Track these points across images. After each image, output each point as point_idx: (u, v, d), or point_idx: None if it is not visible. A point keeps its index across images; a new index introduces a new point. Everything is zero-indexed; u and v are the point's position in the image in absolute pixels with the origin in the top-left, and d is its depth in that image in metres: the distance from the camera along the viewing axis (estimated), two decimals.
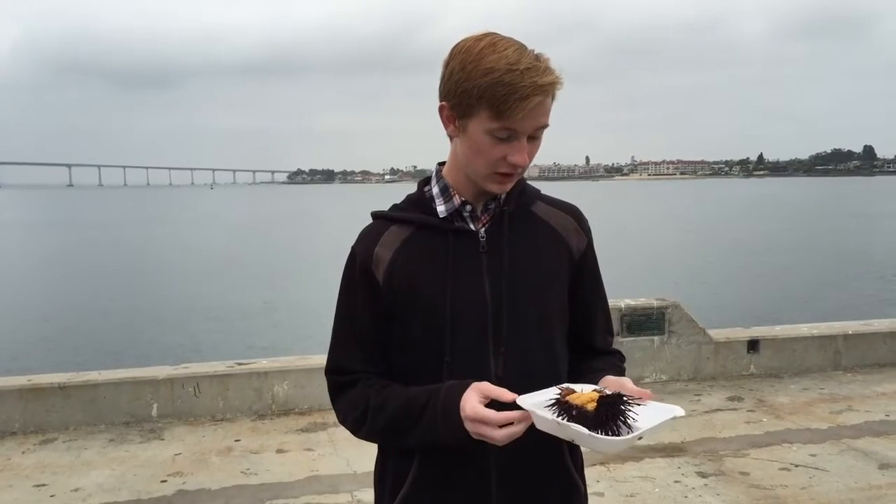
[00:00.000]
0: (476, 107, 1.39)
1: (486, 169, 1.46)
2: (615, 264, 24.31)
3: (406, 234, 1.54)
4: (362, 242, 1.56)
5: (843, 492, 4.29)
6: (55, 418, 5.51)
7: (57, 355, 12.33)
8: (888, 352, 7.03)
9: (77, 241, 39.71)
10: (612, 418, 1.29)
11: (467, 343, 1.49)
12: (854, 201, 73.72)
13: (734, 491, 4.33)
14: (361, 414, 1.52)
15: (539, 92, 1.37)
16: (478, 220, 1.55)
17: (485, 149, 1.43)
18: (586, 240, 1.65)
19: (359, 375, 1.55)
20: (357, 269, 1.55)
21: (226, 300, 18.31)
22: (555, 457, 1.57)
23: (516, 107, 1.36)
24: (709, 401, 6.04)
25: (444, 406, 1.40)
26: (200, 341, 13.64)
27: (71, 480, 4.62)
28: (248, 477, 4.64)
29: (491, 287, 1.51)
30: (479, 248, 1.53)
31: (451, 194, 1.54)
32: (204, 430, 5.47)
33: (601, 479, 4.49)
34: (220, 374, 5.79)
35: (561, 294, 1.59)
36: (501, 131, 1.40)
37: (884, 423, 5.44)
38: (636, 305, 6.55)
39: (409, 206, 1.59)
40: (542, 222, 1.60)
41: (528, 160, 1.45)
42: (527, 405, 1.32)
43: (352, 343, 1.56)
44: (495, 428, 1.33)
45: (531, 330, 1.53)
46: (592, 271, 1.67)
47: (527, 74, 1.36)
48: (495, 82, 1.36)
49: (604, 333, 1.72)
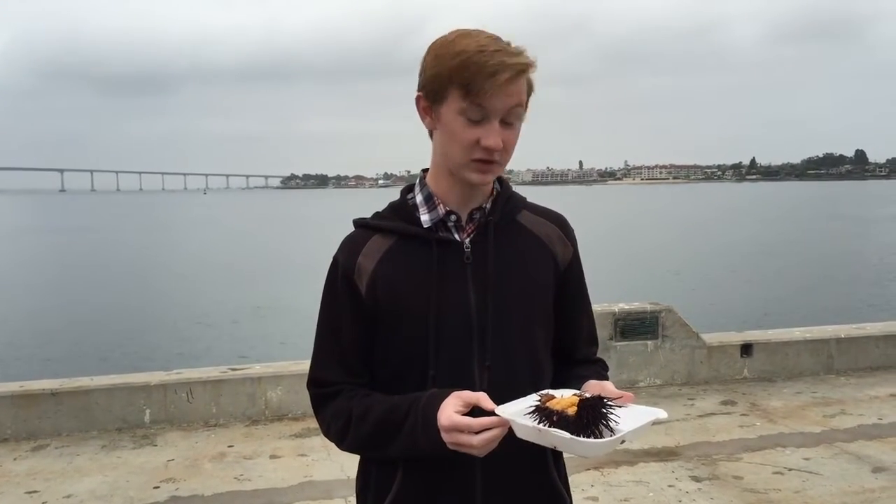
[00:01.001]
0: (448, 88, 1.39)
1: (462, 156, 1.43)
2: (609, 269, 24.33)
3: (389, 244, 1.51)
4: (344, 251, 1.54)
5: (836, 495, 4.30)
6: (47, 424, 5.48)
7: (49, 361, 12.28)
8: (881, 355, 7.05)
9: (69, 246, 39.57)
10: (593, 422, 1.27)
11: (452, 356, 1.46)
12: (846, 206, 74.01)
13: (728, 495, 4.34)
14: (344, 425, 1.49)
15: (508, 69, 1.36)
16: (462, 230, 1.52)
17: (458, 132, 1.41)
18: (572, 250, 1.63)
19: (341, 387, 1.52)
20: (339, 279, 1.52)
21: (219, 305, 18.28)
22: (540, 467, 1.55)
23: (485, 83, 1.35)
24: (702, 405, 6.05)
25: (424, 416, 1.38)
26: (193, 347, 13.60)
27: (63, 487, 4.59)
28: (241, 483, 4.62)
29: (476, 299, 1.48)
30: (463, 259, 1.50)
31: (436, 203, 1.52)
32: (197, 436, 5.44)
33: (595, 484, 4.49)
34: (213, 380, 5.77)
35: (546, 305, 1.57)
36: (473, 110, 1.38)
37: (877, 427, 5.45)
38: (630, 310, 6.56)
39: (392, 213, 1.56)
40: (528, 232, 1.58)
41: (505, 147, 1.42)
42: (506, 414, 1.29)
43: (334, 354, 1.54)
44: (472, 435, 1.30)
45: (516, 343, 1.51)
46: (578, 281, 1.66)
47: (497, 54, 1.36)
48: (465, 61, 1.36)
49: (588, 344, 1.69)
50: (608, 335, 6.44)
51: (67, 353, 13.25)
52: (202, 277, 24.39)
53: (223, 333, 15.08)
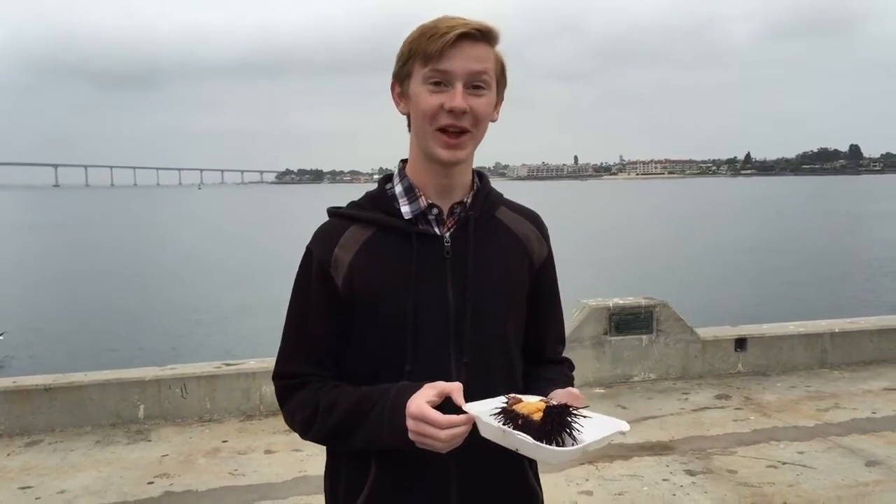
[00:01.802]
0: (411, 62, 1.42)
1: (429, 125, 1.41)
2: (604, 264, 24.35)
3: (367, 235, 1.48)
4: (320, 242, 1.49)
5: (830, 489, 4.31)
6: (41, 420, 5.47)
7: (42, 356, 12.25)
8: (874, 349, 7.08)
9: (63, 242, 39.45)
10: (557, 429, 1.26)
11: (429, 352, 1.44)
12: (840, 201, 74.19)
13: (722, 489, 4.35)
14: (311, 415, 1.46)
15: (462, 27, 1.37)
16: (443, 223, 1.50)
17: (423, 101, 1.41)
18: (547, 248, 1.62)
19: (308, 378, 1.49)
20: (314, 271, 1.47)
21: (213, 301, 18.25)
22: (514, 463, 1.52)
23: (439, 45, 1.36)
24: (697, 399, 6.06)
25: (392, 404, 1.35)
26: (187, 342, 13.58)
27: (57, 482, 4.58)
28: (235, 478, 4.61)
29: (454, 294, 1.46)
30: (443, 253, 1.47)
31: (417, 195, 1.49)
32: (191, 431, 5.43)
33: (590, 478, 4.50)
34: (208, 375, 5.76)
35: (521, 303, 1.56)
36: (433, 74, 1.38)
37: (870, 421, 5.47)
38: (625, 305, 6.56)
39: (370, 204, 1.52)
40: (506, 229, 1.56)
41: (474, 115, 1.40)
42: (473, 412, 1.29)
43: (303, 347, 1.50)
44: (438, 430, 1.28)
45: (493, 340, 1.50)
46: (551, 280, 1.65)
47: (452, 20, 1.39)
48: (422, 31, 1.40)
49: (555, 343, 1.69)
50: (603, 330, 6.45)
51: (61, 348, 13.23)
52: (196, 273, 24.35)
53: (217, 329, 15.06)
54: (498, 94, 1.47)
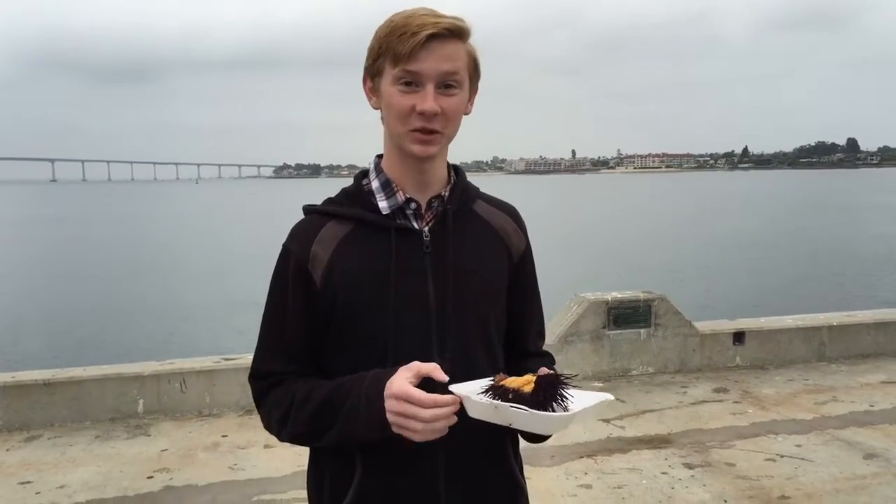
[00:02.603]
0: (382, 60, 1.39)
1: (402, 125, 1.40)
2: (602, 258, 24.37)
3: (345, 231, 1.46)
4: (297, 239, 1.47)
5: (828, 482, 4.33)
6: (40, 415, 5.47)
7: (41, 352, 12.24)
8: (872, 343, 7.09)
9: (61, 237, 39.40)
10: (549, 399, 1.27)
11: (411, 347, 1.41)
12: (838, 194, 74.27)
13: (720, 482, 4.36)
14: (286, 412, 1.43)
15: (432, 26, 1.34)
16: (421, 218, 1.48)
17: (394, 102, 1.38)
18: (525, 241, 1.61)
19: (285, 376, 1.47)
20: (292, 269, 1.45)
21: (212, 295, 18.24)
22: (501, 458, 1.53)
23: (409, 44, 1.33)
24: (695, 392, 6.07)
25: (368, 390, 1.33)
26: (187, 336, 13.58)
27: (56, 478, 4.59)
28: (235, 472, 4.62)
29: (435, 289, 1.44)
30: (422, 247, 1.46)
31: (395, 189, 1.47)
32: (190, 426, 5.44)
33: (589, 472, 4.51)
34: (207, 370, 5.76)
35: (502, 296, 1.55)
36: (404, 76, 1.36)
37: (868, 414, 5.49)
38: (623, 298, 6.57)
39: (347, 200, 1.51)
40: (485, 223, 1.55)
41: (445, 114, 1.39)
42: (459, 392, 1.28)
43: (280, 346, 1.48)
44: (421, 409, 1.25)
45: (475, 333, 1.49)
46: (530, 273, 1.64)
47: (422, 17, 1.36)
48: (391, 30, 1.37)
49: (536, 336, 1.67)
50: (601, 324, 6.45)
51: (60, 343, 13.21)
52: (194, 267, 24.33)
53: (216, 323, 15.06)
54: (471, 88, 1.46)
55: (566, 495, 4.22)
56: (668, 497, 4.19)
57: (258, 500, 4.26)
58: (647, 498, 4.18)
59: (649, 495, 4.21)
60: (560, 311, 6.74)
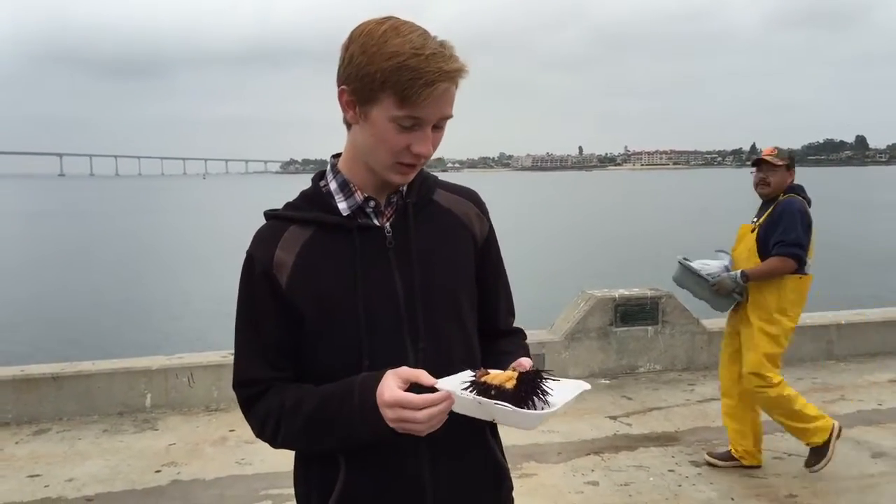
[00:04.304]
0: (380, 92, 1.33)
1: (389, 159, 1.40)
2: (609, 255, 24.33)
3: (307, 235, 1.47)
4: (260, 245, 1.47)
5: (836, 481, 4.31)
6: (48, 409, 5.50)
7: (50, 346, 12.30)
8: (881, 341, 7.06)
9: (70, 231, 39.56)
10: (531, 394, 1.30)
11: (385, 343, 1.44)
12: (846, 192, 73.94)
13: (728, 479, 4.36)
14: (276, 422, 1.45)
15: (445, 78, 1.33)
16: (381, 214, 1.49)
17: (388, 137, 1.37)
18: (488, 224, 1.63)
19: (269, 384, 1.48)
20: (257, 275, 1.46)
21: (220, 289, 18.28)
22: (481, 442, 1.56)
23: (421, 93, 1.31)
24: (702, 390, 6.06)
25: (360, 399, 1.35)
26: (195, 331, 13.62)
27: (65, 471, 4.61)
28: (242, 467, 4.64)
29: (402, 283, 1.46)
30: (385, 243, 1.47)
31: (353, 190, 1.48)
32: (198, 421, 5.46)
33: (595, 469, 4.51)
34: (215, 364, 5.78)
35: (470, 282, 1.57)
36: (406, 119, 1.35)
37: (876, 413, 5.47)
38: (630, 296, 6.56)
39: (306, 203, 1.51)
40: (446, 211, 1.57)
41: (432, 150, 1.41)
42: (445, 388, 1.31)
43: (258, 353, 1.49)
44: (417, 411, 1.28)
45: (446, 321, 1.50)
46: (495, 255, 1.66)
47: (432, 60, 1.32)
48: (400, 66, 1.30)
49: (506, 314, 1.70)
50: (608, 321, 6.44)
51: (68, 337, 13.27)
52: (202, 262, 24.40)
53: (224, 318, 15.10)
54: None
55: (573, 492, 4.22)
56: (674, 495, 4.18)
57: (265, 494, 4.28)
58: (654, 495, 4.18)
59: (656, 492, 4.21)
60: (567, 308, 6.73)
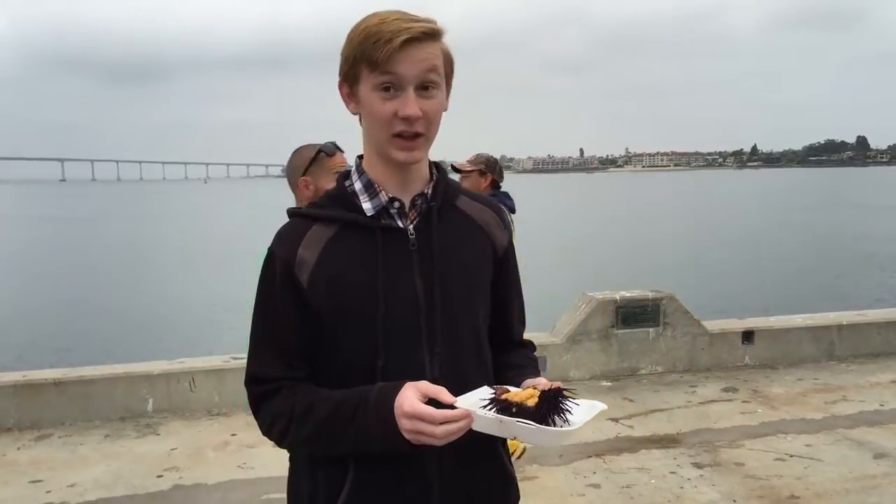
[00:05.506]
0: (359, 66, 1.38)
1: (384, 132, 1.40)
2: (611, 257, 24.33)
3: (331, 234, 1.47)
4: (282, 243, 1.48)
5: (838, 481, 4.31)
6: (50, 414, 5.50)
7: (52, 351, 12.31)
8: (882, 342, 7.06)
9: (72, 236, 39.59)
10: (551, 412, 1.30)
11: (401, 345, 1.43)
12: (848, 193, 73.89)
13: (730, 481, 4.35)
14: (286, 423, 1.45)
15: (406, 33, 1.34)
16: (405, 216, 1.49)
17: (376, 108, 1.39)
18: (508, 235, 1.63)
19: (281, 383, 1.48)
20: (278, 273, 1.46)
21: (221, 294, 18.29)
22: (492, 453, 1.55)
23: (385, 49, 1.33)
24: (704, 392, 6.06)
25: (376, 408, 1.34)
26: (195, 336, 13.62)
27: (67, 476, 4.61)
28: (244, 471, 4.64)
29: (423, 286, 1.45)
30: (408, 245, 1.47)
31: (377, 190, 1.48)
32: (200, 425, 5.46)
33: (597, 471, 4.50)
34: (216, 369, 5.79)
35: (486, 290, 1.57)
36: (383, 82, 1.36)
37: (878, 413, 5.46)
38: (631, 297, 6.56)
39: (330, 202, 1.51)
40: (468, 218, 1.57)
41: (426, 117, 1.40)
42: (464, 406, 1.30)
43: (273, 351, 1.49)
44: (435, 426, 1.28)
45: (463, 328, 1.50)
46: (513, 266, 1.67)
47: (395, 22, 1.36)
48: (367, 35, 1.36)
49: (518, 325, 1.71)
50: (610, 323, 6.44)
51: (70, 342, 13.28)
52: (203, 266, 24.41)
53: (225, 322, 15.10)
54: (447, 87, 1.47)
55: (575, 494, 4.22)
56: (676, 497, 4.18)
57: (267, 498, 4.27)
58: (656, 497, 4.18)
59: (658, 495, 4.21)
60: (569, 310, 6.73)
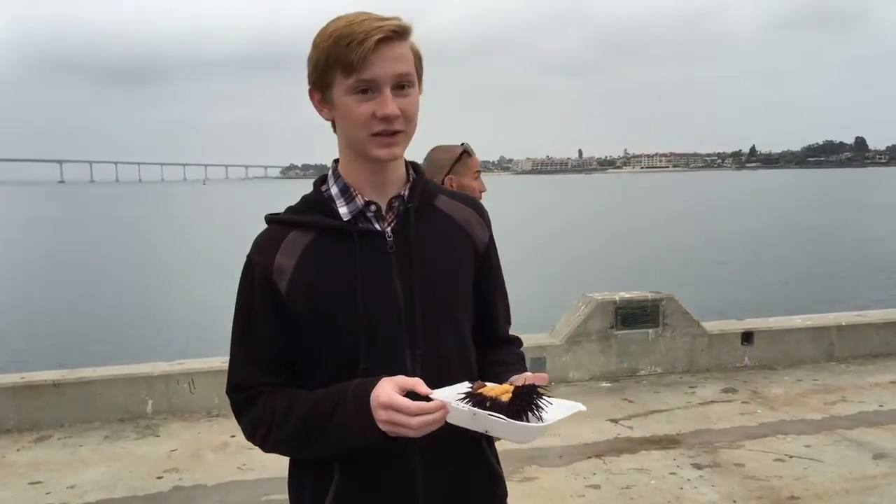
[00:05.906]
0: (331, 72, 1.38)
1: (363, 132, 1.40)
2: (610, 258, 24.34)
3: (308, 240, 1.47)
4: (260, 250, 1.48)
5: (837, 482, 4.31)
6: (50, 415, 5.50)
7: (51, 353, 12.30)
8: (881, 343, 7.06)
9: (71, 237, 39.57)
10: (525, 409, 1.30)
11: (383, 348, 1.43)
12: (846, 193, 73.97)
13: (729, 482, 4.35)
14: (268, 427, 1.45)
15: (378, 32, 1.34)
16: (382, 219, 1.49)
17: (352, 111, 1.39)
18: (489, 233, 1.63)
19: (261, 389, 1.48)
20: (257, 280, 1.46)
21: (220, 295, 18.28)
22: (476, 450, 1.55)
23: (358, 51, 1.33)
24: (703, 393, 6.06)
25: (354, 402, 1.34)
26: (195, 337, 13.61)
27: (66, 478, 4.61)
28: (244, 472, 4.64)
29: (402, 288, 1.45)
30: (386, 248, 1.47)
31: (353, 194, 1.48)
32: (199, 426, 5.46)
33: (597, 472, 4.51)
34: (216, 370, 5.77)
35: (468, 288, 1.57)
36: (358, 85, 1.36)
37: (877, 414, 5.47)
38: (631, 298, 6.56)
39: (307, 207, 1.52)
40: (447, 217, 1.57)
41: (404, 114, 1.40)
42: (440, 399, 1.30)
43: (253, 358, 1.49)
44: (410, 416, 1.27)
45: (445, 328, 1.50)
46: (495, 263, 1.66)
47: (364, 23, 1.35)
48: (337, 39, 1.36)
49: (504, 323, 1.71)
50: (609, 324, 6.45)
51: (69, 344, 13.27)
52: (202, 268, 24.39)
53: (224, 323, 15.10)
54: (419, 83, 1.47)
55: (574, 495, 4.22)
56: (676, 497, 4.18)
57: (267, 500, 4.28)
58: (656, 498, 4.18)
59: (658, 496, 4.21)
60: (568, 311, 6.73)
